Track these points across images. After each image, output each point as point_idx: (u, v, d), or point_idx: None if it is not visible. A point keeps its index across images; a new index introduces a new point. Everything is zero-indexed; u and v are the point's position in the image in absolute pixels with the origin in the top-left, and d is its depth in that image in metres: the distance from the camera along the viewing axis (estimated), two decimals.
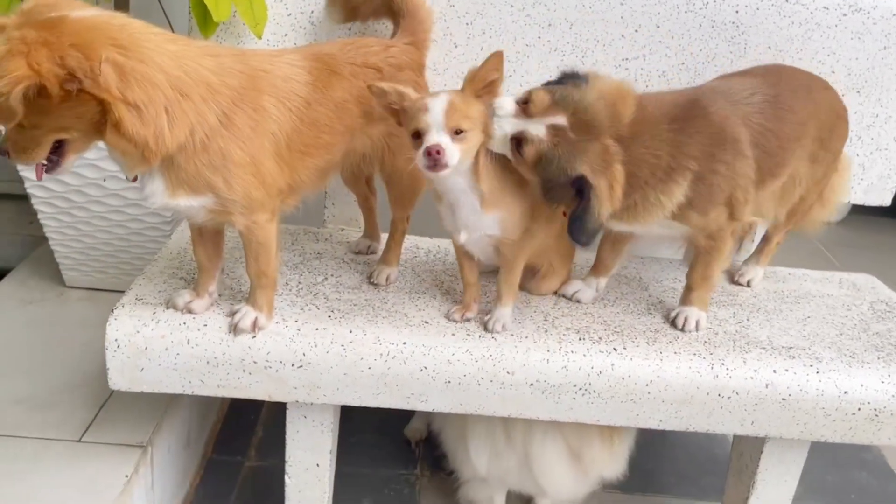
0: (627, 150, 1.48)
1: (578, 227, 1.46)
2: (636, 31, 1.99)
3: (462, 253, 1.66)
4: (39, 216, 2.23)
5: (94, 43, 1.22)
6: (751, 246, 2.11)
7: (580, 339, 1.64)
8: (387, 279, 1.79)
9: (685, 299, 1.75)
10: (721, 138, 1.54)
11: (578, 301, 1.79)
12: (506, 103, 1.49)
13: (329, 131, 1.56)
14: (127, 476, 1.66)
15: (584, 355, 1.59)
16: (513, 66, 2.01)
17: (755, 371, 1.61)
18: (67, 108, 1.24)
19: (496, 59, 1.46)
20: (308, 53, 1.60)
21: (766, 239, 2.02)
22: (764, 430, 1.64)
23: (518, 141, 1.47)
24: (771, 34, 2.00)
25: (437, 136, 1.42)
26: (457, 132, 1.43)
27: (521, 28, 1.99)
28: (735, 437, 1.95)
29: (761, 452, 1.79)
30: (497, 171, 1.54)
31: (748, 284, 1.99)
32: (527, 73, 2.02)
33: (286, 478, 1.79)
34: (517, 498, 2.10)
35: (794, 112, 1.67)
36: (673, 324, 1.72)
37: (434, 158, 1.41)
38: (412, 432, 2.36)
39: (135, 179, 1.44)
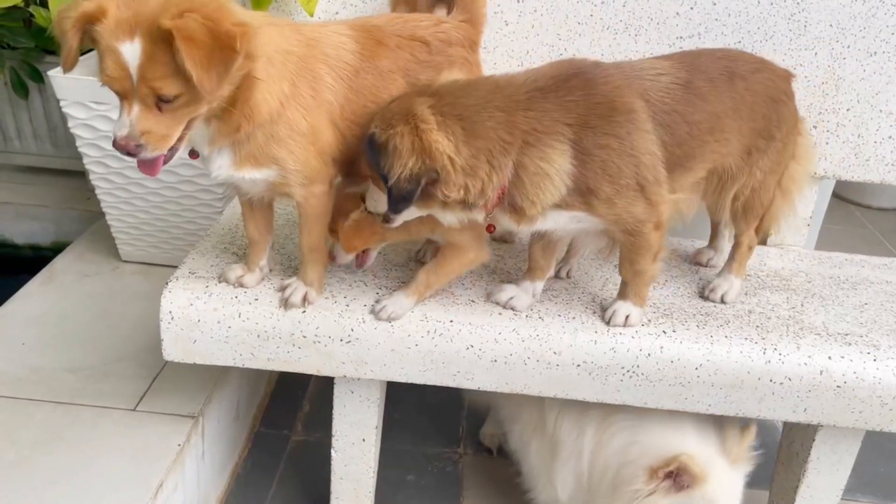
0: (446, 98, 1.40)
1: (388, 196, 1.39)
2: (692, 8, 1.95)
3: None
4: (97, 192, 2.29)
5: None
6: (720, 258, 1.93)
7: None
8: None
9: (619, 293, 1.64)
10: (609, 108, 1.43)
11: (513, 309, 1.63)
12: None
13: (375, 100, 1.56)
14: (179, 445, 1.71)
15: (633, 337, 1.58)
16: (564, 44, 1.99)
17: (809, 357, 1.57)
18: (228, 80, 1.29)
19: None
20: (354, 24, 1.61)
21: (735, 245, 1.79)
22: (817, 417, 1.61)
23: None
24: (833, 11, 1.93)
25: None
26: None
27: (574, 6, 1.96)
28: (785, 424, 1.91)
29: (813, 440, 1.75)
30: None
31: (722, 300, 1.75)
32: (578, 52, 1.99)
33: (332, 452, 1.82)
34: None
35: (706, 101, 1.54)
36: (609, 322, 1.61)
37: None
38: (488, 439, 2.28)
39: (195, 156, 1.47)
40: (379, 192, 1.47)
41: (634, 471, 1.61)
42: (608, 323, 1.61)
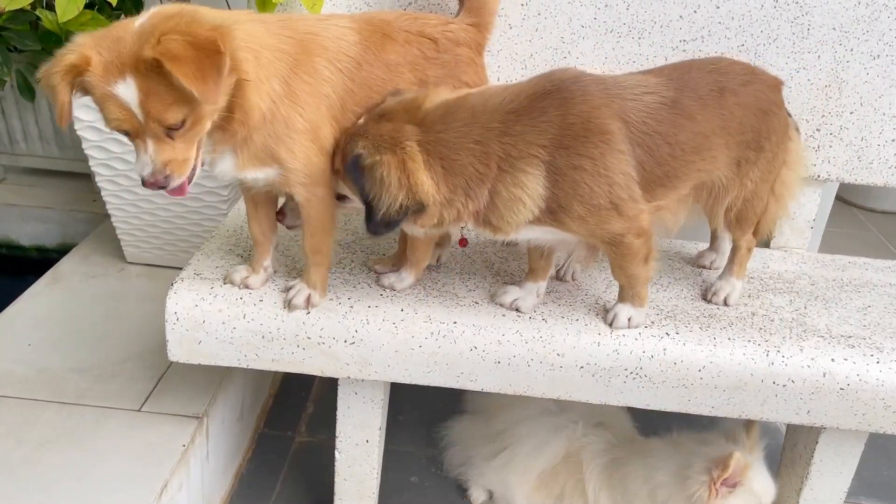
0: (430, 133, 1.41)
1: (367, 214, 1.40)
2: (695, 11, 1.95)
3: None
4: (103, 193, 2.30)
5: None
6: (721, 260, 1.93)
7: None
8: (437, 259, 1.81)
9: (619, 296, 1.64)
10: (583, 130, 1.42)
11: (519, 310, 1.64)
12: None
13: (381, 92, 1.56)
14: (184, 445, 1.72)
15: (636, 339, 1.58)
16: (568, 47, 1.99)
17: (812, 359, 1.58)
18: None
19: None
20: (358, 17, 1.61)
21: (734, 249, 1.81)
22: (820, 419, 1.61)
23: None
24: (836, 15, 1.93)
25: None
26: None
27: (577, 9, 1.97)
28: (789, 427, 1.92)
29: (816, 443, 1.75)
30: None
31: (725, 303, 1.76)
32: (582, 55, 2.00)
33: (336, 453, 1.83)
34: None
35: (694, 121, 1.52)
36: (611, 324, 1.62)
37: None
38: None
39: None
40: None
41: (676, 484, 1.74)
42: (610, 326, 1.61)
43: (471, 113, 1.44)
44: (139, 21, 1.27)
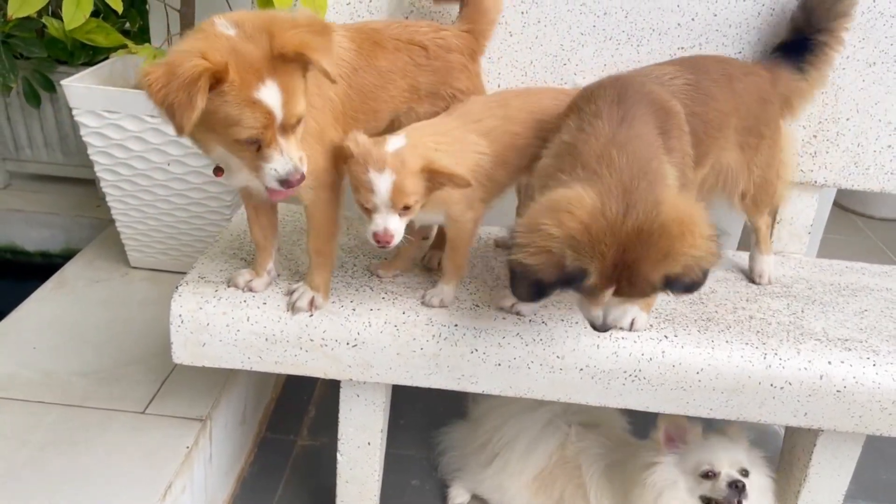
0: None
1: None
2: (692, 19, 1.98)
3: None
4: (107, 199, 2.32)
5: None
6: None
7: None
8: (438, 263, 1.83)
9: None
10: (666, 113, 1.47)
11: (519, 314, 1.64)
12: None
13: (374, 98, 1.59)
14: (188, 447, 1.73)
15: (635, 342, 1.60)
16: (567, 55, 2.02)
17: (809, 362, 1.59)
18: None
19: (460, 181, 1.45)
20: (350, 26, 1.64)
21: (755, 230, 1.94)
22: (817, 421, 1.63)
23: None
24: None
25: (383, 221, 1.44)
26: (404, 207, 1.44)
27: (577, 17, 1.99)
28: (787, 430, 1.93)
29: (814, 445, 1.77)
30: None
31: (769, 281, 1.92)
32: (581, 62, 2.02)
33: (338, 455, 1.84)
34: None
35: (716, 100, 1.61)
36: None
37: (383, 242, 1.45)
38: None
39: (219, 173, 1.49)
40: None
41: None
42: (630, 329, 1.64)
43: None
44: (230, 31, 1.26)
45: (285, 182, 1.33)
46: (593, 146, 1.36)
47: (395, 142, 1.45)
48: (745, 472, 1.72)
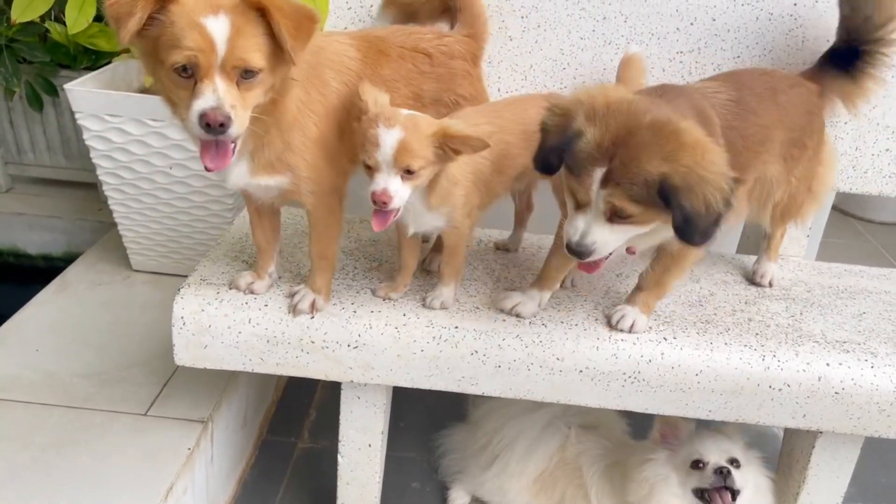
0: None
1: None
2: (691, 24, 2.00)
3: (404, 238, 1.65)
4: (109, 202, 2.34)
5: None
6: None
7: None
8: (438, 266, 1.83)
9: (629, 299, 1.69)
10: (705, 117, 1.48)
11: (518, 315, 1.66)
12: None
13: None
14: (189, 449, 1.74)
15: (634, 344, 1.61)
16: (567, 59, 2.03)
17: (808, 364, 1.60)
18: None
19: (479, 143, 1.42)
20: (355, 34, 1.64)
21: (771, 237, 1.96)
22: (816, 423, 1.63)
23: None
24: (829, 28, 1.96)
25: (383, 181, 1.40)
26: (408, 171, 1.40)
27: (576, 21, 2.01)
28: (786, 432, 1.94)
29: (813, 447, 1.78)
30: (442, 173, 1.51)
31: (770, 284, 1.94)
32: (581, 67, 2.04)
33: (339, 457, 1.85)
34: None
35: (757, 115, 1.61)
36: (616, 325, 1.65)
37: (380, 203, 1.39)
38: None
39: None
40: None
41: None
42: (615, 326, 1.65)
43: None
44: None
45: (207, 124, 1.25)
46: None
47: (412, 111, 1.46)
48: (735, 462, 1.73)
